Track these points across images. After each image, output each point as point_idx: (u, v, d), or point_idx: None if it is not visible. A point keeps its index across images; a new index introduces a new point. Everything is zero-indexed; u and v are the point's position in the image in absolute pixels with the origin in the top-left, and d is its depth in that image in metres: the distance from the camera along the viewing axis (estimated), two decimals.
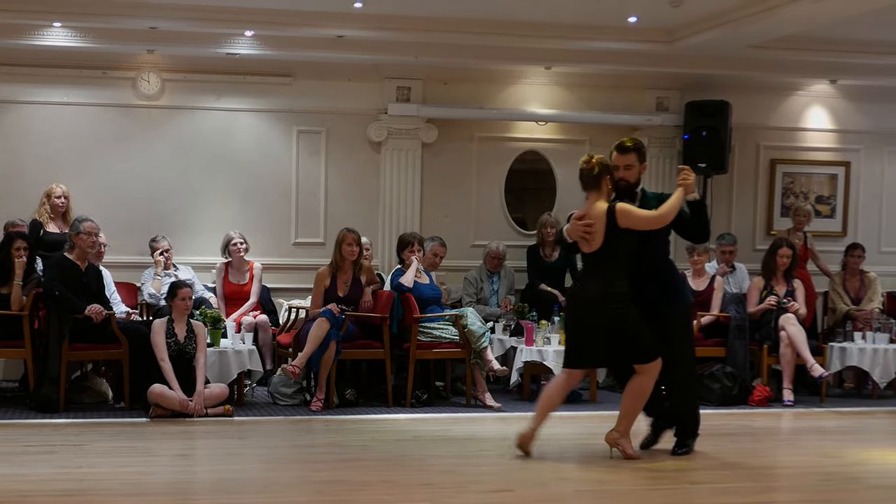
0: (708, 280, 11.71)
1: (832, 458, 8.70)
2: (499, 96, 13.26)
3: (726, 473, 7.96)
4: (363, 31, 11.77)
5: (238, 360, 10.36)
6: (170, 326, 9.91)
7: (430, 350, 10.81)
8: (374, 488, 7.19)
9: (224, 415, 9.76)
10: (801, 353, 11.21)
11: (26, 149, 12.12)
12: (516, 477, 7.69)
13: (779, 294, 11.55)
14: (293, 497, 7.05)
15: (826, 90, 13.98)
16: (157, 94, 12.39)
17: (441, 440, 9.08)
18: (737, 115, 13.22)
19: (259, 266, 11.75)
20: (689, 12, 11.40)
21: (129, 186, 12.31)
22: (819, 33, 11.88)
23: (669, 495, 7.28)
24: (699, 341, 11.33)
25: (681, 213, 8.21)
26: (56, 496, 6.91)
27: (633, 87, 13.40)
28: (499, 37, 12.07)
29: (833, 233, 14.05)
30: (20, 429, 9.22)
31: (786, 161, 14.02)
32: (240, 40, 11.89)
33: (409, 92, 12.88)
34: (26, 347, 10.14)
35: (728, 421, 10.31)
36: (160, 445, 8.74)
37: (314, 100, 12.70)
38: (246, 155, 12.65)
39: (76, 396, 10.40)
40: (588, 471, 7.94)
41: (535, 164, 13.49)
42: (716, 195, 13.57)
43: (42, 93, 12.18)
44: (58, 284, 10.00)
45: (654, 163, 13.49)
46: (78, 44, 11.64)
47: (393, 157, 12.89)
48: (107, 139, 12.31)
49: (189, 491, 7.31)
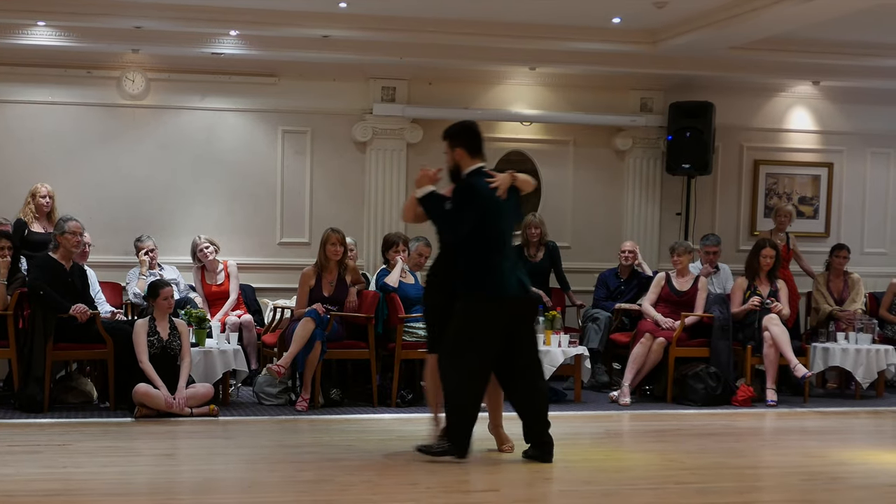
0: (692, 280, 11.74)
1: (815, 458, 8.73)
2: (483, 97, 13.28)
3: (710, 473, 7.98)
4: (348, 31, 11.78)
5: (223, 359, 10.36)
6: (152, 326, 9.90)
7: (416, 350, 10.80)
8: (359, 488, 7.19)
9: (209, 415, 9.75)
10: (785, 354, 11.24)
11: (11, 148, 12.10)
12: (501, 477, 7.72)
13: (762, 294, 11.58)
14: (278, 497, 7.05)
15: (809, 91, 14.04)
16: (141, 93, 12.38)
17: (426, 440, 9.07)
18: (720, 116, 13.27)
19: (233, 263, 11.71)
20: (673, 14, 11.44)
21: (114, 186, 12.30)
22: (802, 35, 11.93)
23: (654, 496, 7.29)
24: (683, 341, 11.40)
25: (434, 209, 8.00)
26: (41, 496, 6.90)
27: (618, 87, 13.44)
28: (483, 37, 12.09)
29: (816, 234, 14.12)
30: (5, 428, 9.18)
31: (769, 162, 14.08)
32: (225, 40, 11.89)
33: (394, 92, 12.90)
34: (11, 347, 10.10)
35: (711, 421, 10.34)
36: (145, 445, 8.74)
37: (299, 100, 12.71)
38: (231, 155, 12.65)
39: (61, 396, 10.37)
40: (573, 471, 7.96)
41: (520, 165, 13.42)
42: (699, 196, 13.63)
43: (26, 92, 12.16)
44: (43, 284, 9.98)
45: (639, 163, 13.54)
46: (62, 43, 11.63)
47: (378, 158, 12.91)
48: (92, 139, 12.30)
49: (174, 491, 7.30)
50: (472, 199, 7.89)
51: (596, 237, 13.52)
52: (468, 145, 8.04)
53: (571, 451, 8.55)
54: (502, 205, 7.93)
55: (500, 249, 7.94)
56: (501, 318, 7.93)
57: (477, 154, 8.06)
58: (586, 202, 13.58)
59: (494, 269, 7.90)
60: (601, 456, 8.45)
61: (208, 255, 11.45)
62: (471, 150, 8.04)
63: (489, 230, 7.90)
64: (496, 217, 7.91)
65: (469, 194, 7.92)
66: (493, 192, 7.89)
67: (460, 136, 8.08)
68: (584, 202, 13.58)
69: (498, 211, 7.92)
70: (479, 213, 7.84)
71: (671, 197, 13.65)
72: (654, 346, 11.29)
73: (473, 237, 7.88)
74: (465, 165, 8.02)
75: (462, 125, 8.17)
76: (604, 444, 9.42)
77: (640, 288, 12.25)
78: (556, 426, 9.76)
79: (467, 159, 8.03)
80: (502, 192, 7.91)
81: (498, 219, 7.93)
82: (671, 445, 9.15)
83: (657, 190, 13.63)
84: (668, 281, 11.72)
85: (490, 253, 7.90)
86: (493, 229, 7.91)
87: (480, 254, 7.89)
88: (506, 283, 7.92)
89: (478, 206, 7.86)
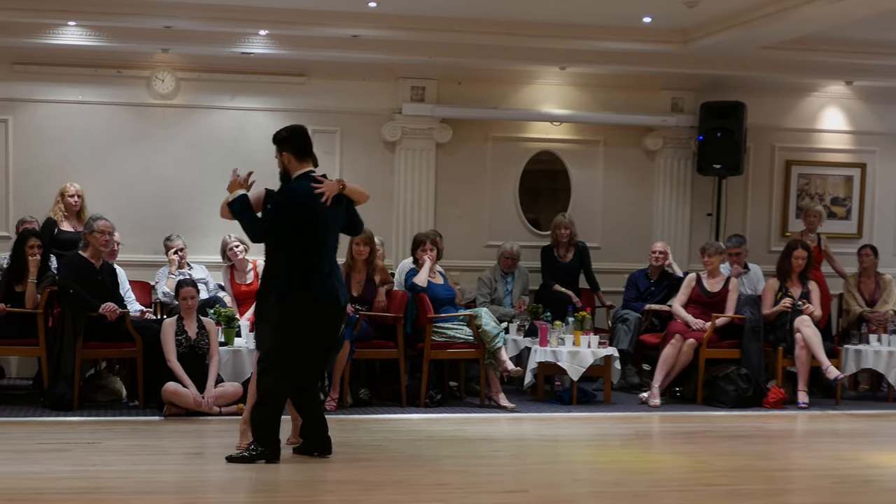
0: (723, 281, 11.66)
1: (846, 460, 8.66)
2: (513, 96, 13.24)
3: (740, 476, 7.92)
4: (378, 30, 11.77)
5: (252, 358, 10.32)
6: (180, 325, 9.93)
7: (444, 350, 10.80)
8: (387, 488, 7.18)
9: (238, 413, 9.74)
10: (817, 355, 11.16)
11: (41, 147, 12.14)
12: (530, 478, 7.69)
13: (794, 296, 11.51)
14: (306, 496, 7.05)
15: (842, 91, 13.94)
16: (171, 93, 12.40)
17: (454, 440, 9.07)
18: (752, 116, 13.18)
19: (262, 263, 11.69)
20: (704, 13, 11.38)
21: (144, 185, 12.33)
22: (834, 34, 11.84)
23: (683, 498, 7.25)
24: (713, 342, 11.33)
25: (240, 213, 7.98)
26: (70, 494, 6.92)
27: (648, 87, 13.38)
28: (513, 37, 12.05)
29: (848, 235, 14.00)
30: (34, 427, 9.23)
31: (801, 162, 13.98)
32: (254, 40, 11.90)
33: (424, 92, 12.88)
34: (41, 345, 10.15)
35: (742, 423, 10.28)
36: (173, 444, 8.76)
37: (328, 99, 12.69)
38: (260, 154, 12.48)
39: (90, 394, 10.41)
40: (602, 472, 7.93)
41: (550, 165, 13.48)
42: (730, 196, 13.55)
43: (57, 92, 12.20)
44: (72, 283, 10.02)
45: (669, 164, 13.47)
46: (93, 43, 11.68)
47: (407, 157, 12.89)
48: (121, 138, 12.33)
49: (202, 489, 7.32)
50: (288, 202, 7.89)
51: (626, 238, 13.46)
52: (295, 149, 8.05)
53: (601, 452, 8.52)
54: (325, 211, 7.88)
55: (318, 252, 7.89)
56: (321, 319, 7.92)
57: (304, 158, 8.06)
58: (616, 202, 13.53)
59: (313, 273, 7.87)
60: (631, 457, 8.40)
61: (238, 254, 11.44)
62: (298, 155, 8.04)
63: (307, 233, 7.86)
64: (315, 221, 7.86)
65: (285, 197, 7.94)
66: (314, 197, 7.85)
67: (288, 141, 8.08)
68: (614, 202, 13.52)
69: (318, 216, 7.86)
70: (293, 216, 7.82)
71: (702, 197, 13.57)
72: (685, 348, 11.23)
73: (292, 240, 7.86)
74: (294, 170, 8.02)
75: (290, 130, 8.19)
76: (633, 445, 9.36)
77: (670, 289, 12.19)
78: (586, 427, 9.77)
79: (294, 163, 8.03)
80: (327, 198, 7.87)
81: (318, 223, 7.88)
82: (701, 447, 9.09)
83: (688, 190, 13.55)
84: (698, 282, 11.65)
85: (309, 256, 7.87)
86: (311, 232, 7.87)
87: (300, 256, 7.86)
88: (323, 286, 7.88)
89: (292, 209, 7.84)
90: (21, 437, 8.78)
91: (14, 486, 7.01)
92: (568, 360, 10.79)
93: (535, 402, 11.02)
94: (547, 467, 8.06)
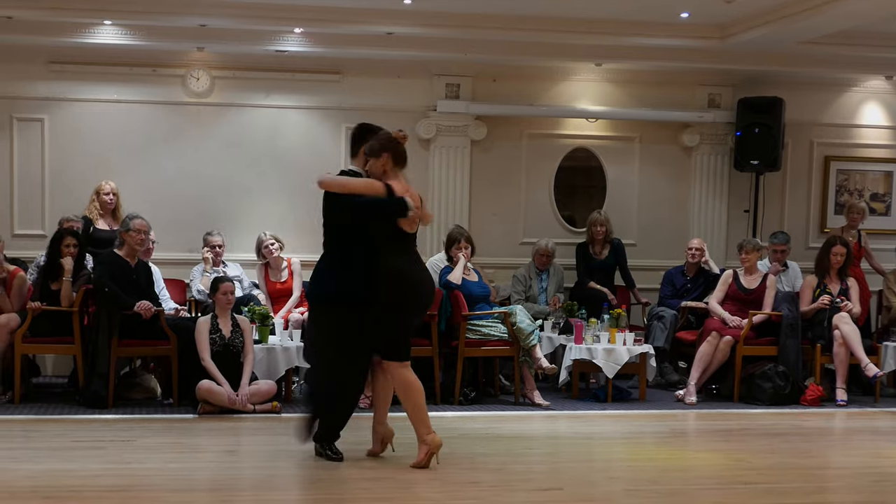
0: (760, 278, 11.57)
1: (886, 458, 8.59)
2: (548, 93, 13.19)
3: (778, 474, 7.86)
4: (412, 27, 11.75)
5: (286, 356, 10.37)
6: (214, 323, 9.94)
7: (479, 348, 10.76)
8: (422, 486, 7.16)
9: (272, 411, 9.77)
10: (855, 353, 11.06)
11: (77, 146, 12.20)
12: (565, 475, 7.64)
13: (832, 293, 11.40)
14: (340, 493, 7.04)
15: (881, 86, 13.80)
16: (206, 91, 12.43)
17: (489, 438, 9.04)
18: (790, 112, 13.08)
19: (297, 261, 11.70)
20: (742, 8, 11.29)
21: (179, 183, 12.36)
22: (874, 28, 11.72)
23: (720, 496, 7.19)
24: (750, 340, 11.24)
25: None
26: (105, 491, 6.93)
27: (685, 83, 13.30)
28: (548, 33, 11.99)
29: (888, 231, 13.84)
30: (70, 424, 9.26)
31: (840, 158, 13.86)
32: (289, 37, 11.91)
33: (459, 89, 12.85)
34: (76, 343, 10.19)
35: (780, 421, 10.20)
36: (208, 442, 8.77)
37: (363, 97, 12.67)
38: (295, 152, 12.66)
39: (125, 392, 10.45)
40: (638, 470, 7.87)
41: (585, 162, 13.41)
42: (768, 193, 13.44)
43: (92, 90, 12.25)
44: (107, 281, 10.05)
45: (706, 160, 13.38)
46: (128, 42, 11.72)
47: (442, 155, 12.86)
48: (156, 137, 12.37)
49: (236, 487, 7.32)
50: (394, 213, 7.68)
51: (662, 234, 13.38)
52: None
53: (636, 450, 8.46)
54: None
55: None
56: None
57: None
58: (652, 199, 13.45)
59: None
60: (666, 455, 8.33)
61: (273, 252, 11.45)
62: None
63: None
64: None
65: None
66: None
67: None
68: (650, 199, 13.44)
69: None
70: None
71: (739, 194, 13.47)
72: (721, 345, 11.16)
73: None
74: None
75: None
76: (669, 443, 9.30)
77: (706, 286, 12.10)
78: (621, 425, 9.71)
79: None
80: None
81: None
82: (738, 445, 9.02)
83: (724, 187, 13.46)
84: (735, 279, 11.56)
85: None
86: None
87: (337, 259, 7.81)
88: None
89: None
90: (56, 434, 8.81)
91: (50, 484, 7.05)
92: (603, 358, 10.74)
93: (569, 400, 10.97)
94: (582, 465, 8.01)
